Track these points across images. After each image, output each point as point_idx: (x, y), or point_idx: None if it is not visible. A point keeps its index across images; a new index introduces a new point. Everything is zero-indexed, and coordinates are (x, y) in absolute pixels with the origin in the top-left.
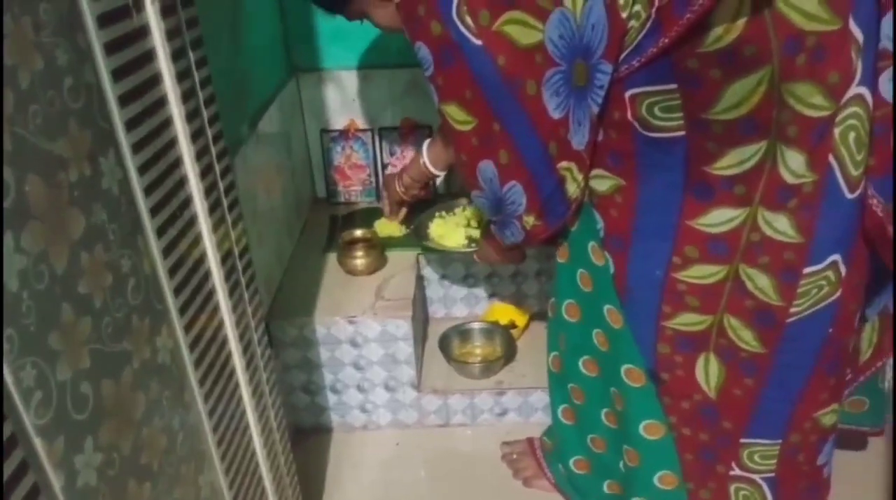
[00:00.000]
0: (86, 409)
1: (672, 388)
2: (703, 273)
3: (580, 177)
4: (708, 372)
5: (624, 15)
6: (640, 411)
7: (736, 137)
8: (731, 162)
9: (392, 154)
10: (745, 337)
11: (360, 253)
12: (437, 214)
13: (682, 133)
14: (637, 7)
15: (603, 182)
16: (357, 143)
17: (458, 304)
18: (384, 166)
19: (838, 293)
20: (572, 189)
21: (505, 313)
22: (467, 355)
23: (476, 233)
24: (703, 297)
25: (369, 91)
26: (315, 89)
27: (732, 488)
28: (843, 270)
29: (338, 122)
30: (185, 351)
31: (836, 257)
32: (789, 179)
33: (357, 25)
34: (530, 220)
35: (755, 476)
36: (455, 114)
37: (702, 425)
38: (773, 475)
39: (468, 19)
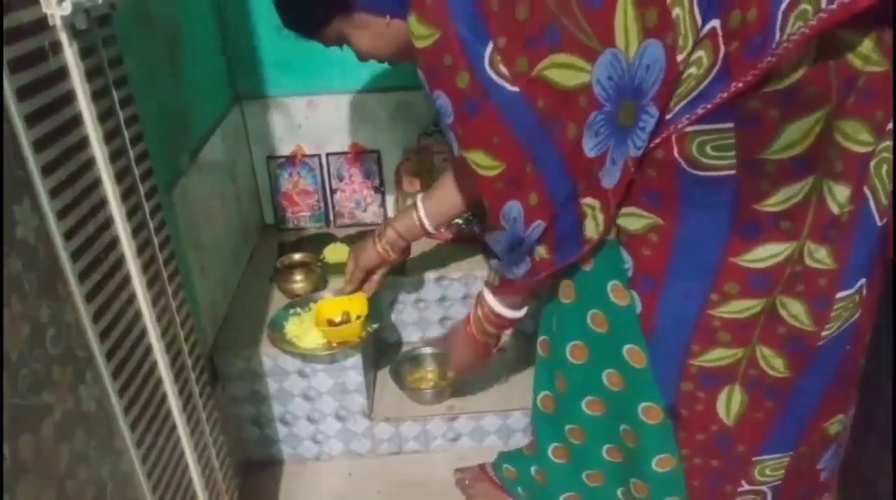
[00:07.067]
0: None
1: (689, 422)
2: (740, 308)
3: (601, 217)
4: (730, 403)
5: (679, 58)
6: (654, 446)
7: (787, 175)
8: (780, 199)
9: (340, 179)
10: (777, 365)
11: (298, 277)
12: (292, 311)
13: (732, 172)
14: (700, 53)
15: (635, 221)
16: (304, 169)
17: (410, 328)
18: (332, 191)
19: (858, 313)
20: (590, 228)
21: (334, 308)
22: (419, 381)
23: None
24: (736, 331)
25: (315, 117)
26: (260, 116)
27: None
28: (865, 292)
29: (284, 148)
30: (113, 397)
31: (863, 280)
32: (836, 211)
33: (300, 52)
34: (541, 251)
35: (763, 487)
36: (480, 160)
37: (715, 453)
38: (779, 482)
39: (503, 68)
